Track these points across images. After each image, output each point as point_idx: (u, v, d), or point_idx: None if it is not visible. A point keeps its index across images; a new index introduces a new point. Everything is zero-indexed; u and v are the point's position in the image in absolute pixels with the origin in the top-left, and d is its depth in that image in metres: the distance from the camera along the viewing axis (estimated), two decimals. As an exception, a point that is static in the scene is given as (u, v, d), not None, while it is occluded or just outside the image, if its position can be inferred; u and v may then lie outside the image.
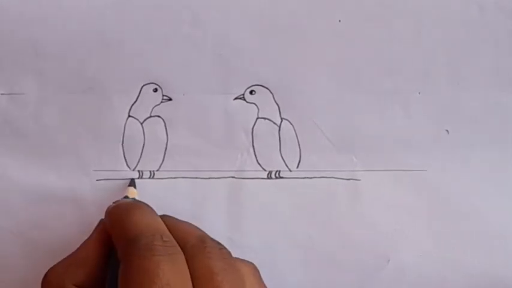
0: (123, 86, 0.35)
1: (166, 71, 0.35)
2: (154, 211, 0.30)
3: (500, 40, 0.35)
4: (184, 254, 0.26)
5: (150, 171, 0.35)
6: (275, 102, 0.35)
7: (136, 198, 0.33)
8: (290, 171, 0.35)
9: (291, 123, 0.35)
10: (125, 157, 0.35)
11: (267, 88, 0.35)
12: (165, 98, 0.35)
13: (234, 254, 0.29)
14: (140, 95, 0.35)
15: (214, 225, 0.35)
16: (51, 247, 0.35)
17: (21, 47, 0.34)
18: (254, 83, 0.35)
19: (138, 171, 0.35)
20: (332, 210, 0.35)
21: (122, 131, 0.35)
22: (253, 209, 0.35)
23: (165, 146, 0.35)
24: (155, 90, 0.35)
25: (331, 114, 0.35)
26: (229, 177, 0.35)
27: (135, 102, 0.35)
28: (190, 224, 0.30)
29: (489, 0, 0.34)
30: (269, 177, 0.35)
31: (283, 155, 0.35)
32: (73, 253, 0.30)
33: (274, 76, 0.35)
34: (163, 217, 0.30)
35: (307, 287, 0.35)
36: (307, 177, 0.35)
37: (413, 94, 0.35)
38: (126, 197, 0.33)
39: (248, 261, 0.30)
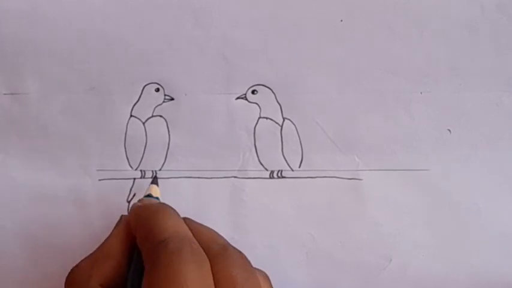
0: (125, 85, 0.35)
1: (168, 71, 0.35)
2: (179, 214, 0.30)
3: (501, 40, 0.35)
4: None
5: (152, 171, 0.35)
6: (277, 101, 0.35)
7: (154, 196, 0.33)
8: (292, 170, 0.35)
9: (293, 123, 0.35)
10: (127, 157, 0.35)
11: (269, 88, 0.35)
12: (167, 97, 0.35)
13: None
14: (142, 94, 0.35)
15: (217, 224, 0.34)
16: (53, 246, 0.35)
17: (24, 47, 0.34)
18: (256, 83, 0.35)
19: (141, 170, 0.35)
20: (334, 210, 0.35)
21: (124, 131, 0.35)
22: (256, 208, 0.35)
23: (167, 145, 0.35)
24: (157, 90, 0.35)
25: (333, 113, 0.35)
26: (232, 177, 0.35)
27: (137, 102, 0.35)
28: (212, 230, 0.30)
29: (491, 0, 0.34)
30: (271, 176, 0.35)
31: (285, 155, 0.35)
32: (95, 251, 0.30)
33: (276, 76, 0.35)
34: (185, 220, 0.30)
35: (309, 286, 0.35)
36: (310, 177, 0.35)
37: (415, 94, 0.35)
38: (149, 195, 0.33)
39: (261, 270, 0.30)
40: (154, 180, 0.34)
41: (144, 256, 0.27)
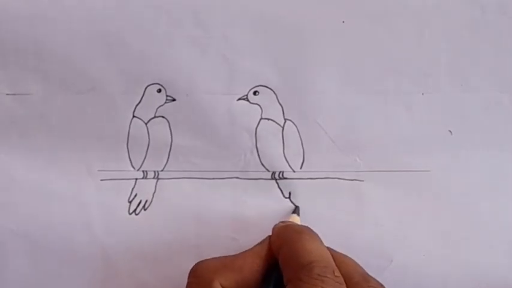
0: (127, 86, 0.35)
1: (169, 72, 0.35)
2: (322, 241, 0.30)
3: (502, 41, 0.35)
4: None
5: (154, 172, 0.35)
6: (278, 103, 0.35)
7: None
8: (293, 171, 0.35)
9: (295, 124, 0.35)
10: (129, 157, 0.35)
11: (270, 89, 0.35)
12: (168, 98, 0.35)
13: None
14: (144, 95, 0.35)
15: (219, 225, 0.35)
16: (54, 247, 0.35)
17: (26, 47, 0.34)
18: (258, 84, 0.35)
19: (143, 171, 0.35)
20: (335, 211, 0.35)
21: (127, 131, 0.35)
22: (257, 209, 0.35)
23: (169, 146, 0.35)
24: (159, 90, 0.35)
25: (334, 115, 0.35)
26: (233, 177, 0.35)
27: (139, 102, 0.35)
28: (352, 259, 0.30)
29: (492, 1, 0.34)
30: (273, 177, 0.35)
31: (286, 156, 0.35)
32: (229, 257, 0.30)
33: (278, 77, 0.35)
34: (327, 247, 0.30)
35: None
36: (311, 178, 0.35)
37: (416, 95, 0.35)
38: None
39: None
40: (296, 210, 0.35)
41: (287, 276, 0.27)
